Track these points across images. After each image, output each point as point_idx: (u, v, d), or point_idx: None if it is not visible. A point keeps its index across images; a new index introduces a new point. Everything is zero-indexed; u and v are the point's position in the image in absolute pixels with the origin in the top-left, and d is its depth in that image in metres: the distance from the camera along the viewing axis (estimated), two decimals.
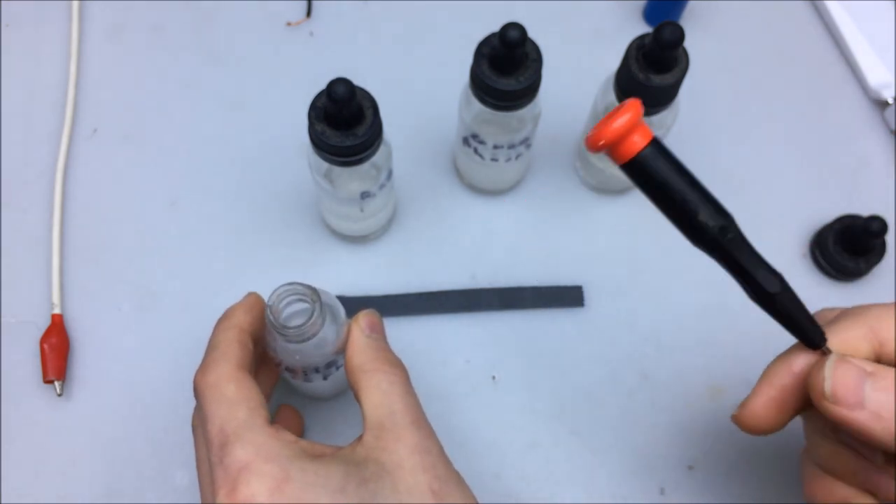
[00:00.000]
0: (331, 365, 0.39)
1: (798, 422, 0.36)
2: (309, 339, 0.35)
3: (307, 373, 0.38)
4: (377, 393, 0.34)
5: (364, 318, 0.38)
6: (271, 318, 0.34)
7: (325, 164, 0.43)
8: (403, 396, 0.34)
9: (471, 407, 0.47)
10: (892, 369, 0.29)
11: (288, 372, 0.39)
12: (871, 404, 0.29)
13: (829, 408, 0.30)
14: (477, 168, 0.50)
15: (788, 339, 0.34)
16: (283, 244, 0.51)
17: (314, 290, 0.35)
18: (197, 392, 0.35)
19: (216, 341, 0.36)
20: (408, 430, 0.32)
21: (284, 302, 0.35)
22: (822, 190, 0.53)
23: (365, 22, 0.57)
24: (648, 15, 0.57)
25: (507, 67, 0.42)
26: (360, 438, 0.33)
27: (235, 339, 0.36)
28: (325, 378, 0.40)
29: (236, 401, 0.32)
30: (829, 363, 0.30)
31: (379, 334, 0.38)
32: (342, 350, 0.37)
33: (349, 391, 0.37)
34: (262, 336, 0.38)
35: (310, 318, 0.34)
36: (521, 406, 0.47)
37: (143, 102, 0.54)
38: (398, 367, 0.36)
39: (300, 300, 0.36)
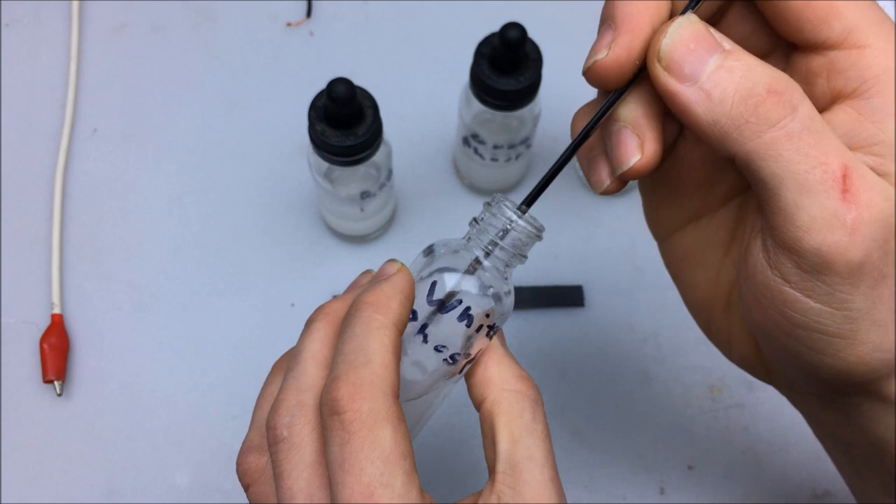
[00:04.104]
0: (456, 358, 0.30)
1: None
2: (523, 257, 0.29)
3: (468, 342, 0.29)
4: (519, 423, 0.28)
5: None
6: (513, 214, 0.28)
7: (325, 164, 0.43)
8: (544, 440, 0.28)
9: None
10: (753, 58, 0.24)
11: (469, 327, 0.29)
12: (707, 83, 0.24)
13: (657, 72, 0.25)
14: (477, 168, 0.50)
15: None
16: (283, 244, 0.51)
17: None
18: (340, 416, 0.26)
19: (368, 345, 0.26)
20: (547, 490, 0.27)
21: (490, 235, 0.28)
22: None
23: (365, 22, 0.57)
24: None
25: (507, 67, 0.42)
26: (491, 485, 0.27)
27: (393, 351, 0.27)
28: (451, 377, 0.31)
29: (394, 458, 0.25)
30: (680, 20, 0.25)
31: (506, 347, 0.31)
32: (472, 356, 0.30)
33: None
34: None
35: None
36: None
37: (143, 102, 0.54)
38: (538, 391, 0.30)
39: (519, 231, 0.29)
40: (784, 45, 0.27)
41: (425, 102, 0.54)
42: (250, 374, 0.33)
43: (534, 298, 0.49)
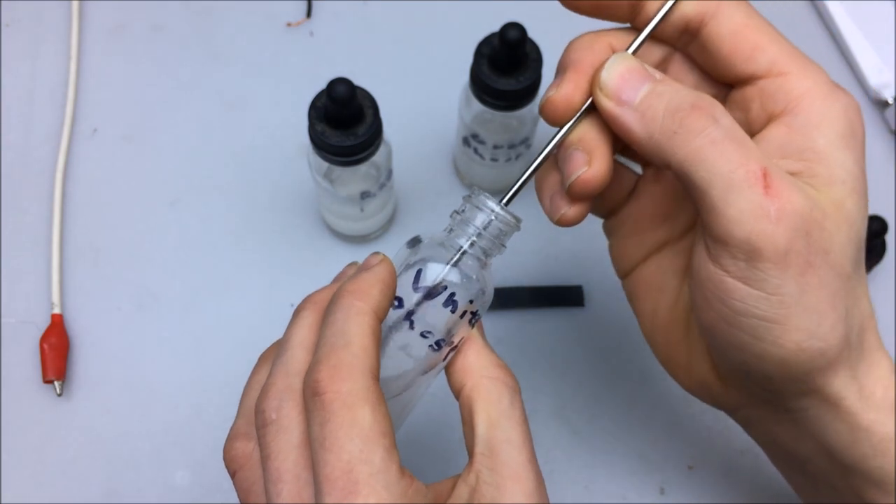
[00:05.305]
0: (441, 344, 0.31)
1: None
2: (501, 248, 0.31)
3: (452, 328, 0.30)
4: (497, 408, 0.29)
5: None
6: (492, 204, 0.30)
7: (325, 164, 0.43)
8: (521, 424, 0.29)
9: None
10: (679, 84, 0.29)
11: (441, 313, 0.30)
12: (641, 105, 0.29)
13: (599, 98, 0.30)
14: (477, 168, 0.50)
15: None
16: (283, 244, 0.51)
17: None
18: (321, 397, 0.26)
19: (348, 330, 0.27)
20: (524, 471, 0.28)
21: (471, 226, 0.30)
22: None
23: (365, 22, 0.57)
24: None
25: (507, 67, 0.42)
26: (470, 466, 0.29)
27: (372, 335, 0.28)
28: (433, 369, 0.32)
29: (373, 435, 0.26)
30: (615, 56, 0.30)
31: (484, 339, 0.32)
32: (454, 344, 0.31)
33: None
34: None
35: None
36: None
37: (143, 102, 0.54)
38: (515, 379, 0.31)
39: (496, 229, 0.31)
40: (724, 90, 0.32)
41: (425, 102, 0.54)
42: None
43: (534, 298, 0.49)
